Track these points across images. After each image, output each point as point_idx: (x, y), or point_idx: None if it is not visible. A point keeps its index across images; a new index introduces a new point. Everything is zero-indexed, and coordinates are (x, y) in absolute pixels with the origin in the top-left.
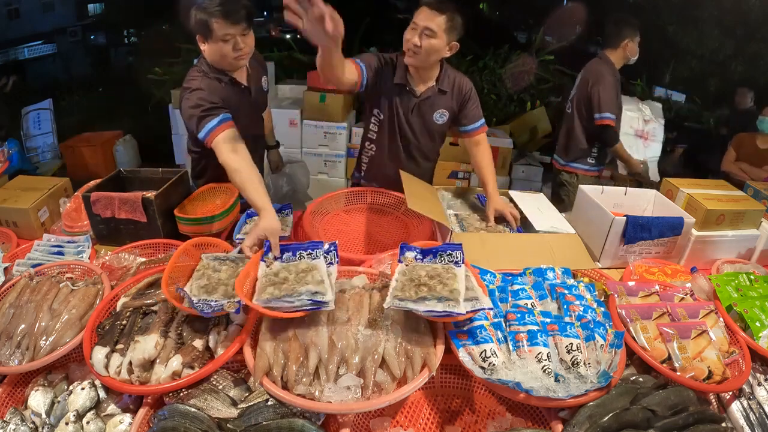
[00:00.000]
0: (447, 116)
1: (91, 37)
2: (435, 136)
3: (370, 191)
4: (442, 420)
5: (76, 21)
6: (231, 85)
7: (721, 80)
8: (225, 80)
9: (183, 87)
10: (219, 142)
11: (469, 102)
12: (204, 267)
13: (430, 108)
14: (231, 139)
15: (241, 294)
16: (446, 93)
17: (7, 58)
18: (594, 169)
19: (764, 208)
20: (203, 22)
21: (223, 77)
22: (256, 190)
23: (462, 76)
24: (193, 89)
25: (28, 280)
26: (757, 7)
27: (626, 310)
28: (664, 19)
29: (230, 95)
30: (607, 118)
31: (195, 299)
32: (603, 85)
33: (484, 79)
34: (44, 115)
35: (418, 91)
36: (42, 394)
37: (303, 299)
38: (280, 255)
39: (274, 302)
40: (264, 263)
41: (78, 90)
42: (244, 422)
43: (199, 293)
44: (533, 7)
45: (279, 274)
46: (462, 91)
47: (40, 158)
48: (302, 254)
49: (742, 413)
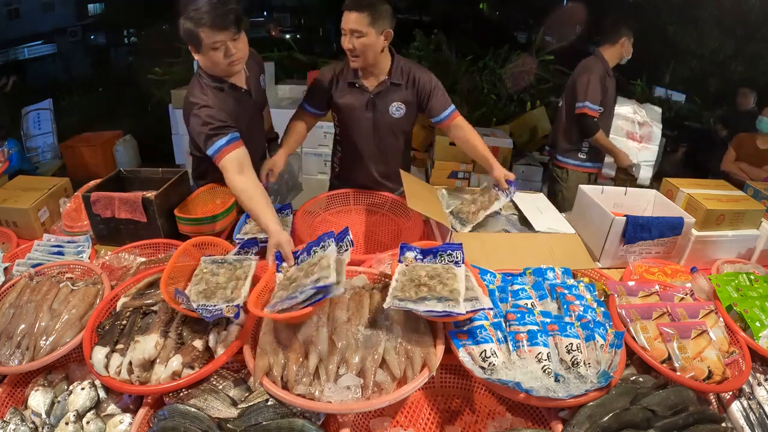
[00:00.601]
0: (404, 109)
1: (91, 37)
2: (396, 132)
3: (353, 192)
4: (442, 420)
5: (76, 21)
6: (232, 91)
7: (721, 80)
8: (225, 87)
9: (189, 101)
10: (227, 162)
11: (432, 93)
12: (202, 271)
13: (384, 102)
14: (239, 159)
15: (254, 306)
16: (400, 85)
17: (7, 58)
18: (586, 165)
19: (764, 208)
20: (190, 32)
21: (222, 85)
22: (263, 212)
23: (419, 67)
24: (201, 105)
25: (28, 280)
26: (757, 7)
27: (626, 310)
28: (664, 19)
29: (233, 102)
30: (587, 107)
31: (195, 305)
32: (588, 76)
33: (484, 79)
34: (44, 115)
35: (369, 87)
36: (42, 394)
37: (307, 290)
38: (295, 262)
39: (280, 304)
40: (280, 273)
41: (78, 90)
42: (244, 422)
43: (198, 298)
44: (533, 7)
45: (292, 276)
46: (419, 82)
47: (40, 158)
48: (316, 250)
49: (742, 413)
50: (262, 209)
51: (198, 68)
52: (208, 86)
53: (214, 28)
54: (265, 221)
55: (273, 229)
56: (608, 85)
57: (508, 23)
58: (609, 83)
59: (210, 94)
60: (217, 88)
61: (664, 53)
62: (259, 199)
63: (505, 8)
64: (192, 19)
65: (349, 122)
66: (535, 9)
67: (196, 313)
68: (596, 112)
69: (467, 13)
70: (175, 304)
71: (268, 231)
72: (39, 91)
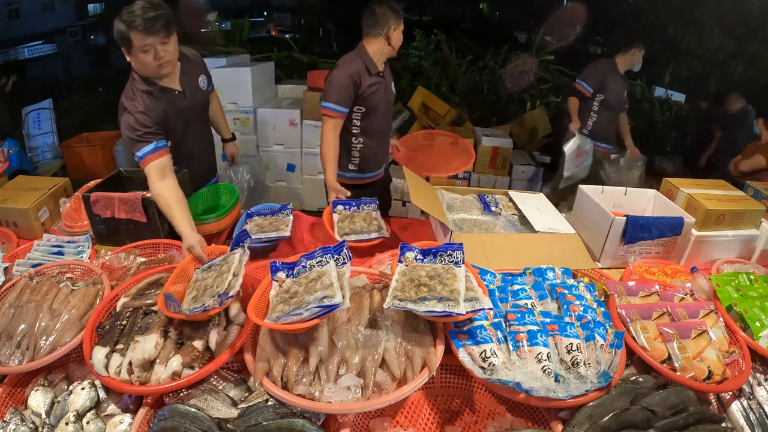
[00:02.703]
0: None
1: (91, 37)
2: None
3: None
4: (442, 420)
5: (76, 21)
6: (163, 94)
7: (721, 80)
8: (155, 91)
9: (121, 103)
10: (150, 170)
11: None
12: (194, 282)
13: (388, 80)
14: (161, 167)
15: (254, 315)
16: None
17: (7, 58)
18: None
19: (764, 208)
20: (122, 35)
21: (152, 88)
22: (177, 216)
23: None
24: (129, 111)
25: (28, 280)
26: (757, 7)
27: (626, 310)
28: (664, 19)
29: (164, 105)
30: (579, 83)
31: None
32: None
33: (484, 79)
34: (44, 115)
35: (381, 72)
36: (42, 394)
37: (312, 308)
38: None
39: (283, 318)
40: (276, 283)
41: (78, 90)
42: (244, 422)
43: (189, 306)
44: (533, 7)
45: (290, 290)
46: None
47: (40, 158)
48: (312, 264)
49: (742, 413)
50: (176, 214)
51: (132, 71)
52: (138, 90)
53: (144, 32)
54: (179, 224)
55: (185, 232)
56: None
57: (508, 23)
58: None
59: (139, 99)
60: (146, 92)
61: (664, 53)
62: (175, 205)
63: (505, 8)
64: (125, 21)
65: (376, 109)
66: (535, 9)
67: (188, 315)
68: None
69: (467, 13)
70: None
71: (181, 234)
72: (39, 91)
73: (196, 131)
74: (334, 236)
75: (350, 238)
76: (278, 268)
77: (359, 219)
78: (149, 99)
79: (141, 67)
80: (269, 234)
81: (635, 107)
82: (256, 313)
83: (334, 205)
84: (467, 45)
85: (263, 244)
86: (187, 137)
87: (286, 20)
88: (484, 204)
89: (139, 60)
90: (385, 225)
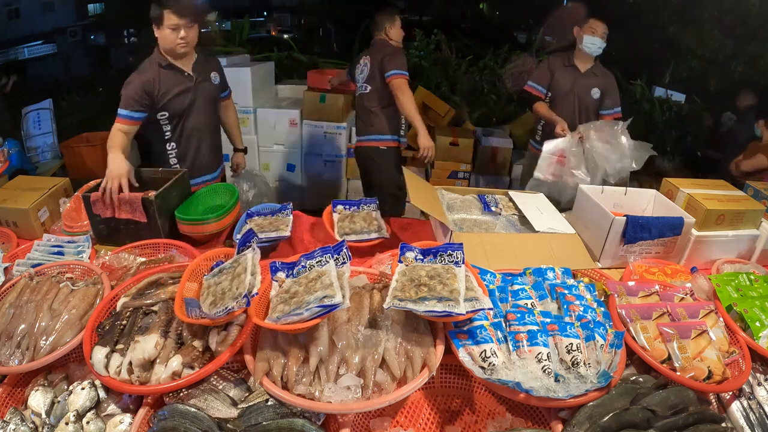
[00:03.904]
0: None
1: (91, 37)
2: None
3: None
4: (442, 420)
5: (76, 21)
6: (173, 71)
7: (721, 80)
8: (167, 66)
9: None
10: (114, 130)
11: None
12: (207, 289)
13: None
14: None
15: (255, 316)
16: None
17: (7, 58)
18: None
19: (764, 208)
20: (157, 11)
21: (166, 63)
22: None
23: None
24: (137, 74)
25: (28, 280)
26: (757, 7)
27: (626, 310)
28: (664, 19)
29: (171, 80)
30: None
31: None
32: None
33: (484, 79)
34: (44, 115)
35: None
36: (42, 394)
37: (312, 308)
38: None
39: (284, 318)
40: (276, 283)
41: (78, 90)
42: (244, 422)
43: (210, 311)
44: (533, 7)
45: (290, 290)
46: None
47: (40, 158)
48: (312, 264)
49: (742, 413)
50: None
51: (156, 48)
52: (153, 62)
53: (175, 13)
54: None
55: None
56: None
57: (508, 23)
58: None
59: (149, 70)
60: (160, 64)
61: (664, 53)
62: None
63: (505, 8)
64: (161, 3)
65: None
66: (535, 9)
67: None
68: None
69: (467, 13)
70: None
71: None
72: (39, 91)
73: (200, 113)
74: (334, 236)
75: (350, 238)
76: (278, 268)
77: (359, 219)
78: (160, 70)
79: (164, 42)
80: (269, 234)
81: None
82: (257, 313)
83: (334, 204)
84: (467, 45)
85: (263, 244)
86: (190, 115)
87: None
88: (484, 204)
89: (165, 35)
90: (385, 225)
